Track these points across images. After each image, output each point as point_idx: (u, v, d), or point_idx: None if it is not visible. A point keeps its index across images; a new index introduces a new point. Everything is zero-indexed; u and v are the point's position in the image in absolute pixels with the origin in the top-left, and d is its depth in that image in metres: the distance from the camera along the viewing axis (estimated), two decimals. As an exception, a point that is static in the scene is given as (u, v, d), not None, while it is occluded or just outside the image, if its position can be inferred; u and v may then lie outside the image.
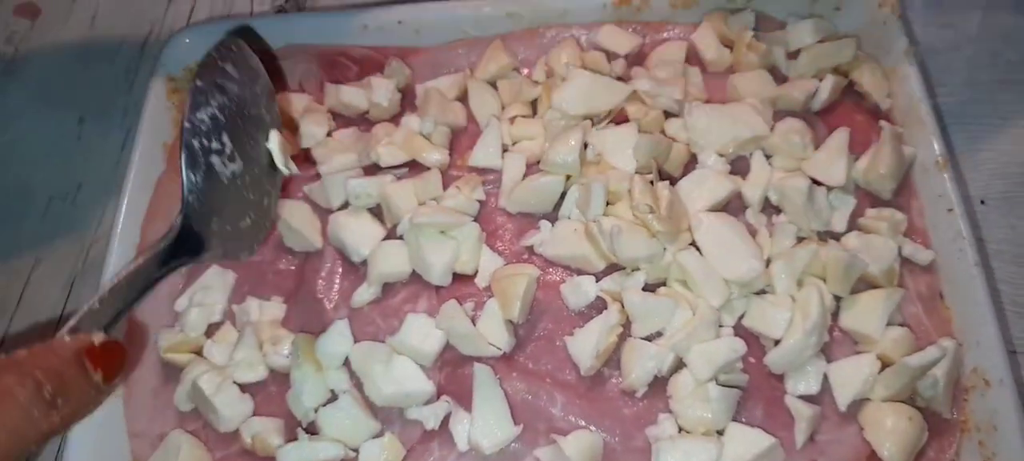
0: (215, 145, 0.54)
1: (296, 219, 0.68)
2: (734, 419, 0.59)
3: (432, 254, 0.64)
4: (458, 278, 0.65)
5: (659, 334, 0.61)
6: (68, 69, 0.91)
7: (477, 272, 0.65)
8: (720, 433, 0.58)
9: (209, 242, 0.53)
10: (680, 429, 0.59)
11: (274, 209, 0.60)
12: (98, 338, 0.44)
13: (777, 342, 0.60)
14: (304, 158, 0.72)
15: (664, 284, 0.63)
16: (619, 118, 0.69)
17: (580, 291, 0.63)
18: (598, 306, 0.63)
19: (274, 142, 0.58)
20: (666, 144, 0.67)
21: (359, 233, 0.66)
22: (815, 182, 0.64)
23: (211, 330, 0.66)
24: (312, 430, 0.61)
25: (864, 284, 0.62)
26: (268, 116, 0.59)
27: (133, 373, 0.65)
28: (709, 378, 0.58)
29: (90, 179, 0.83)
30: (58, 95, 0.89)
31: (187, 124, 0.53)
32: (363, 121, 0.75)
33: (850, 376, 0.59)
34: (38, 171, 0.85)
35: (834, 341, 0.62)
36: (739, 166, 0.67)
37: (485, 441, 0.59)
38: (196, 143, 0.53)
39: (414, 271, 0.65)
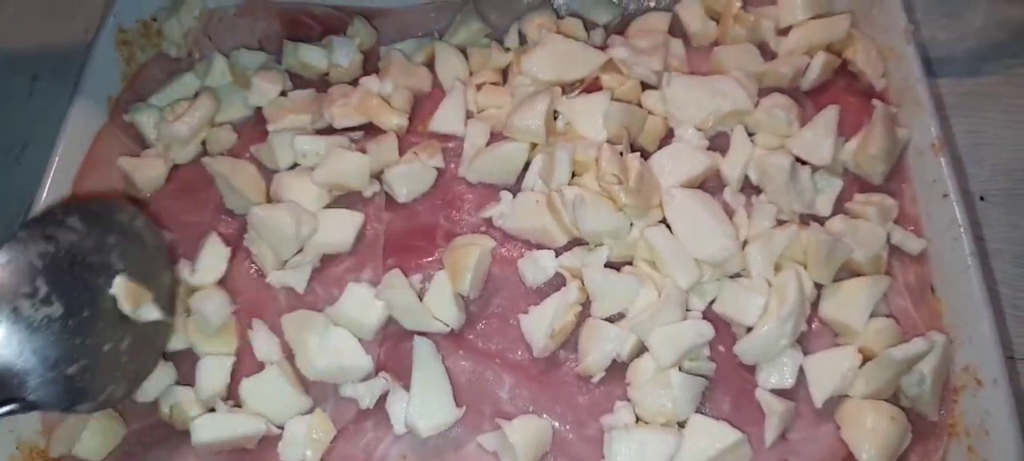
0: (25, 288, 0.51)
1: (238, 179, 0.62)
2: (698, 411, 0.53)
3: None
4: (410, 247, 0.60)
5: (621, 316, 0.56)
6: (24, 27, 0.87)
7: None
8: (681, 425, 0.53)
9: (21, 385, 0.50)
10: (637, 419, 0.53)
11: (135, 357, 0.55)
12: None
13: (749, 329, 0.55)
14: (256, 118, 0.68)
15: (630, 263, 0.58)
16: (592, 87, 0.64)
17: (538, 266, 0.58)
18: (557, 283, 0.58)
19: (119, 287, 0.54)
20: (641, 115, 0.62)
21: (303, 195, 0.61)
22: (800, 161, 0.59)
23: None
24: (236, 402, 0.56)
25: (848, 273, 0.57)
26: (120, 264, 0.55)
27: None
28: (672, 364, 0.53)
29: (37, 138, 0.79)
30: (13, 52, 0.85)
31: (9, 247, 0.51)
32: (322, 83, 0.70)
33: (828, 370, 0.54)
34: (-17, 126, 0.80)
35: (812, 332, 0.57)
36: (718, 143, 0.62)
37: (422, 422, 0.54)
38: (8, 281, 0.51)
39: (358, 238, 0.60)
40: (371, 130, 0.65)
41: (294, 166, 0.64)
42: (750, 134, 0.62)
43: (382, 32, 0.72)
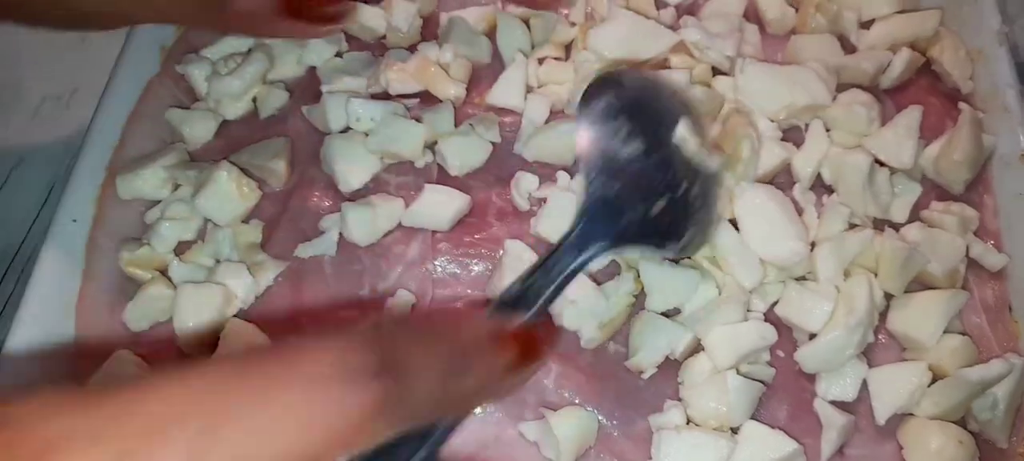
0: (609, 124, 0.49)
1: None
2: (753, 417, 0.51)
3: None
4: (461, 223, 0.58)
5: (677, 311, 0.53)
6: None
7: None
8: (734, 431, 0.50)
9: (619, 227, 0.48)
10: (688, 420, 0.51)
11: (704, 206, 0.51)
12: (514, 324, 0.39)
13: (813, 336, 0.52)
14: (310, 79, 0.66)
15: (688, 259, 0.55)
16: (660, 69, 0.61)
17: (592, 253, 0.55)
18: (610, 272, 0.55)
19: (684, 131, 0.51)
20: (718, 100, 0.59)
21: (352, 161, 0.59)
22: (878, 163, 0.56)
23: (181, 248, 0.59)
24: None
25: (920, 284, 0.54)
26: (682, 110, 0.52)
27: (89, 285, 0.58)
28: (730, 366, 0.50)
29: (87, 84, 0.78)
30: (67, -5, 0.84)
31: (579, 105, 0.50)
32: (379, 47, 0.68)
33: (894, 385, 0.51)
34: (35, 69, 0.79)
35: (879, 344, 0.53)
36: (792, 137, 0.59)
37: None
38: (588, 119, 0.49)
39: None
40: (427, 98, 0.63)
41: (346, 129, 0.62)
42: (826, 129, 0.59)
43: (443, -2, 0.70)
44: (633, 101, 0.51)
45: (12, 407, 0.24)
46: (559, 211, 0.56)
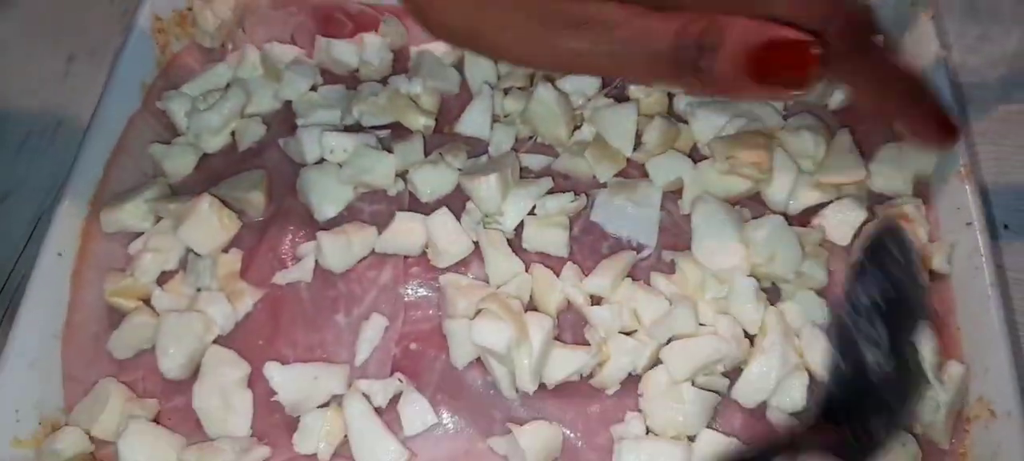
0: (872, 334, 0.45)
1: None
2: (709, 426, 0.54)
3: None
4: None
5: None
6: (63, 6, 0.88)
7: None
8: (692, 439, 0.53)
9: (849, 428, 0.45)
10: (648, 430, 0.54)
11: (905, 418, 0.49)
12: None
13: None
14: (286, 112, 0.69)
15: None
16: (618, 96, 0.65)
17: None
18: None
19: (925, 339, 0.49)
20: (673, 130, 0.63)
21: (327, 191, 0.62)
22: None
23: (164, 278, 0.62)
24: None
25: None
26: (920, 310, 0.48)
27: (75, 316, 0.61)
28: (686, 378, 0.53)
29: (72, 118, 0.80)
30: (50, 32, 0.86)
31: (846, 304, 0.46)
32: (352, 80, 0.71)
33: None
34: (20, 104, 0.81)
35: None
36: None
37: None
38: (851, 324, 0.46)
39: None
40: (398, 129, 0.66)
41: (321, 161, 0.65)
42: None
43: (412, 32, 0.73)
44: (896, 298, 0.46)
45: None
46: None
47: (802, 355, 0.55)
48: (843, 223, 0.59)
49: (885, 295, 0.45)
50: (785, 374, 0.53)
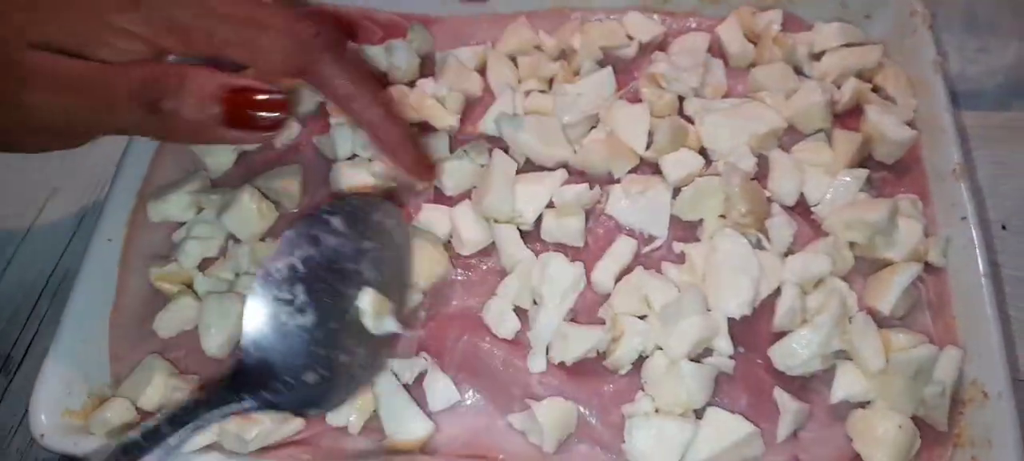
0: (284, 295, 0.53)
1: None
2: (716, 404, 0.57)
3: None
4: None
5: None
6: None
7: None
8: (699, 416, 0.56)
9: (265, 389, 0.51)
10: (657, 409, 0.57)
11: (366, 371, 0.57)
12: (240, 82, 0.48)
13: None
14: (320, 112, 0.73)
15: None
16: (631, 98, 0.69)
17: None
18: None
19: (366, 301, 0.55)
20: (683, 130, 0.66)
21: (358, 183, 0.66)
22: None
23: (205, 264, 0.66)
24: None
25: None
26: (371, 274, 0.57)
27: (122, 299, 0.65)
28: (682, 356, 0.57)
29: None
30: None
31: (261, 270, 0.54)
32: (383, 83, 0.75)
33: (848, 370, 0.57)
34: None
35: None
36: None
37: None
38: (265, 291, 0.53)
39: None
40: (425, 127, 0.70)
41: (352, 156, 0.69)
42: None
43: (438, 39, 0.77)
44: (324, 261, 0.54)
45: None
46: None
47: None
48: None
49: (307, 261, 0.54)
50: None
